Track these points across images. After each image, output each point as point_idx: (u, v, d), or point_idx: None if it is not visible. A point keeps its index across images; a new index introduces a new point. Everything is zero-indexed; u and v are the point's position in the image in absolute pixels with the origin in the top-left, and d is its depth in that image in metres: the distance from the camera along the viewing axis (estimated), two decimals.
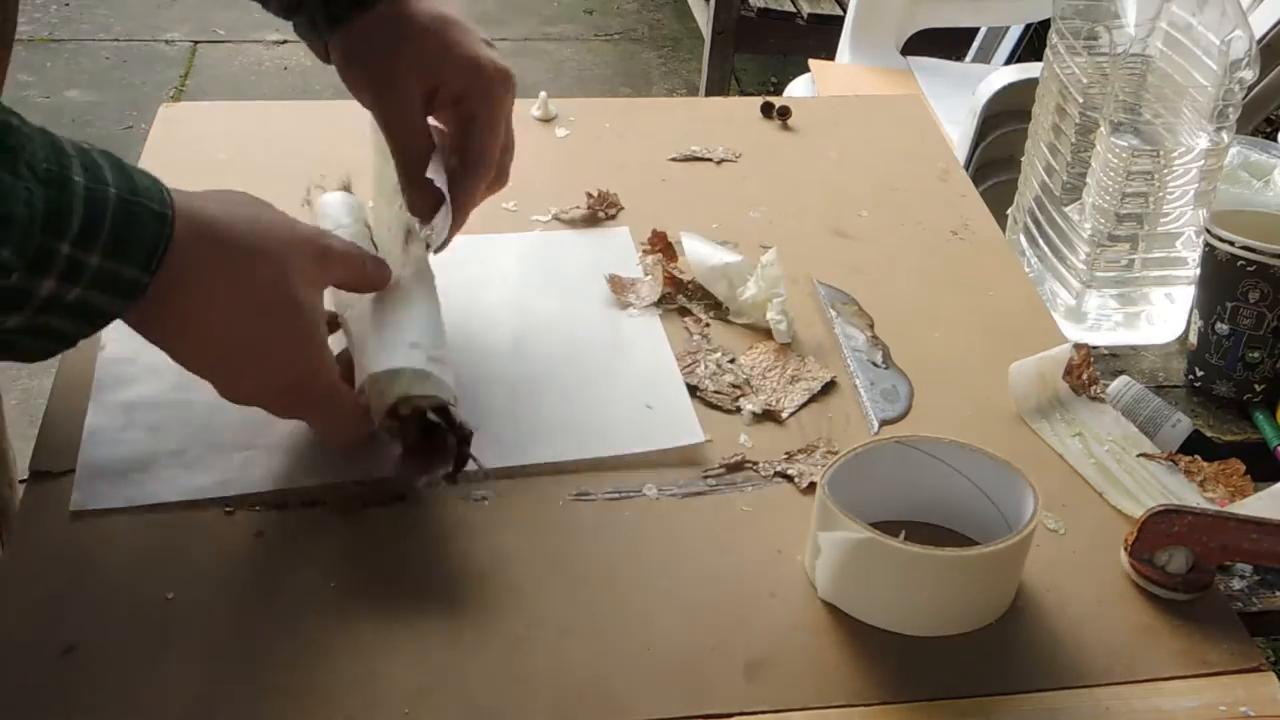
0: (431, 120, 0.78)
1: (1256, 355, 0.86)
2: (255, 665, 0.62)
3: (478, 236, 0.94)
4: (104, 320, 0.60)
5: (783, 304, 0.85)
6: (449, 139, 0.78)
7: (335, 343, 0.72)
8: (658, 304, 0.88)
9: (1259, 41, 1.09)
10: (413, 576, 0.68)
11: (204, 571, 0.67)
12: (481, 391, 0.80)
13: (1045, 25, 1.50)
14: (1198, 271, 0.88)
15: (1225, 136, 0.85)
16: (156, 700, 0.60)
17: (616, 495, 0.73)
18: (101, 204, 0.57)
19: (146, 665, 0.62)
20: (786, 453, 0.77)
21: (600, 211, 0.97)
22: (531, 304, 0.88)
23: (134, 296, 0.60)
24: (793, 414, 0.80)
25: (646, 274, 0.90)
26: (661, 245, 0.92)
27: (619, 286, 0.89)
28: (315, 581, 0.67)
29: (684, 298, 0.89)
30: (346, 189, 0.87)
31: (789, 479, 0.75)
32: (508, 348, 0.84)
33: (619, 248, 0.94)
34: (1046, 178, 0.95)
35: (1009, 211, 1.06)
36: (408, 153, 0.76)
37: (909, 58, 1.47)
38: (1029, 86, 0.99)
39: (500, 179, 0.80)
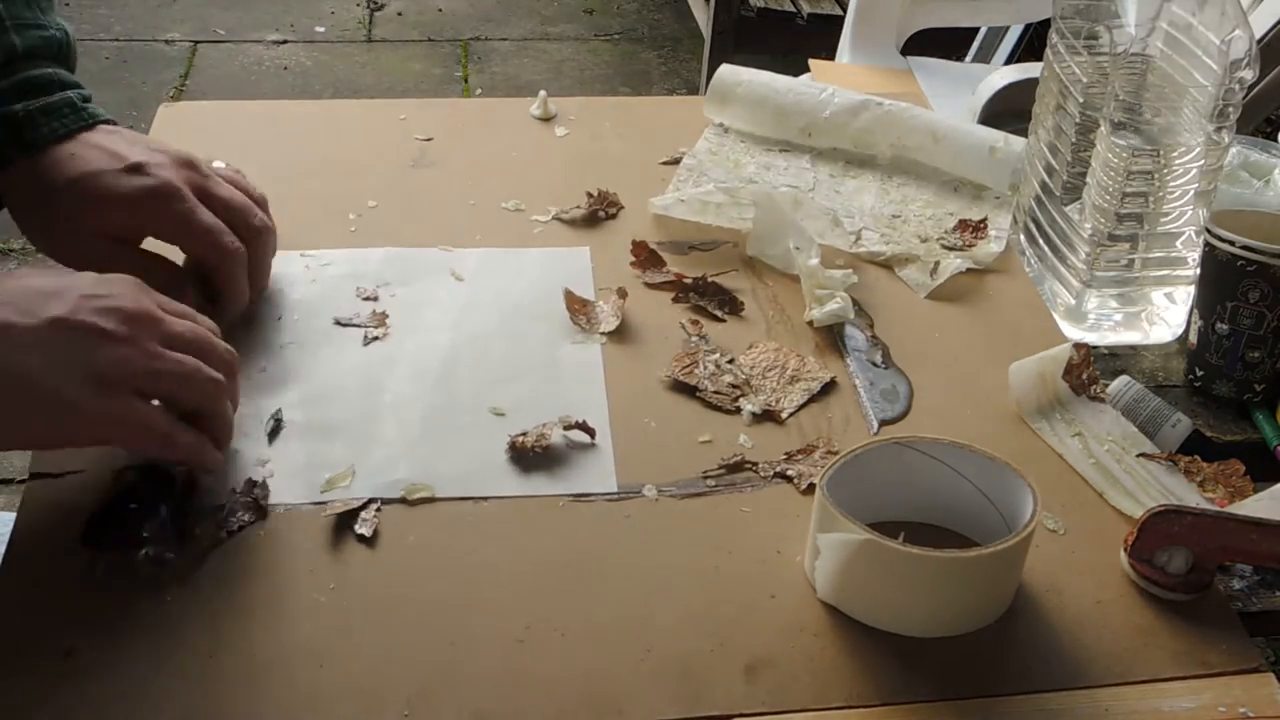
0: None
1: (1256, 355, 0.86)
2: (255, 667, 0.62)
3: (430, 250, 0.92)
4: None
5: (840, 310, 0.87)
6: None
7: None
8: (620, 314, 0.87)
9: (1259, 41, 1.09)
10: (412, 577, 0.68)
11: (203, 572, 0.67)
12: (394, 416, 0.77)
13: (1045, 25, 1.50)
14: (1198, 271, 0.88)
15: (1225, 136, 0.85)
16: (156, 701, 0.60)
17: (616, 495, 0.73)
18: None
19: (146, 666, 0.62)
20: (786, 453, 0.77)
21: (600, 211, 0.97)
22: (470, 326, 0.85)
23: None
24: (792, 414, 0.80)
25: (603, 303, 0.87)
26: (645, 254, 0.92)
27: (575, 305, 0.86)
28: (315, 583, 0.67)
29: (695, 295, 0.89)
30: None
31: (789, 479, 0.75)
32: (435, 371, 0.81)
33: (576, 270, 0.91)
34: (1046, 178, 0.95)
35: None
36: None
37: (909, 58, 1.47)
38: (1029, 86, 0.99)
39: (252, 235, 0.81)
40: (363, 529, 0.69)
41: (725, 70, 1.09)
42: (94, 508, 0.68)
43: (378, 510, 0.71)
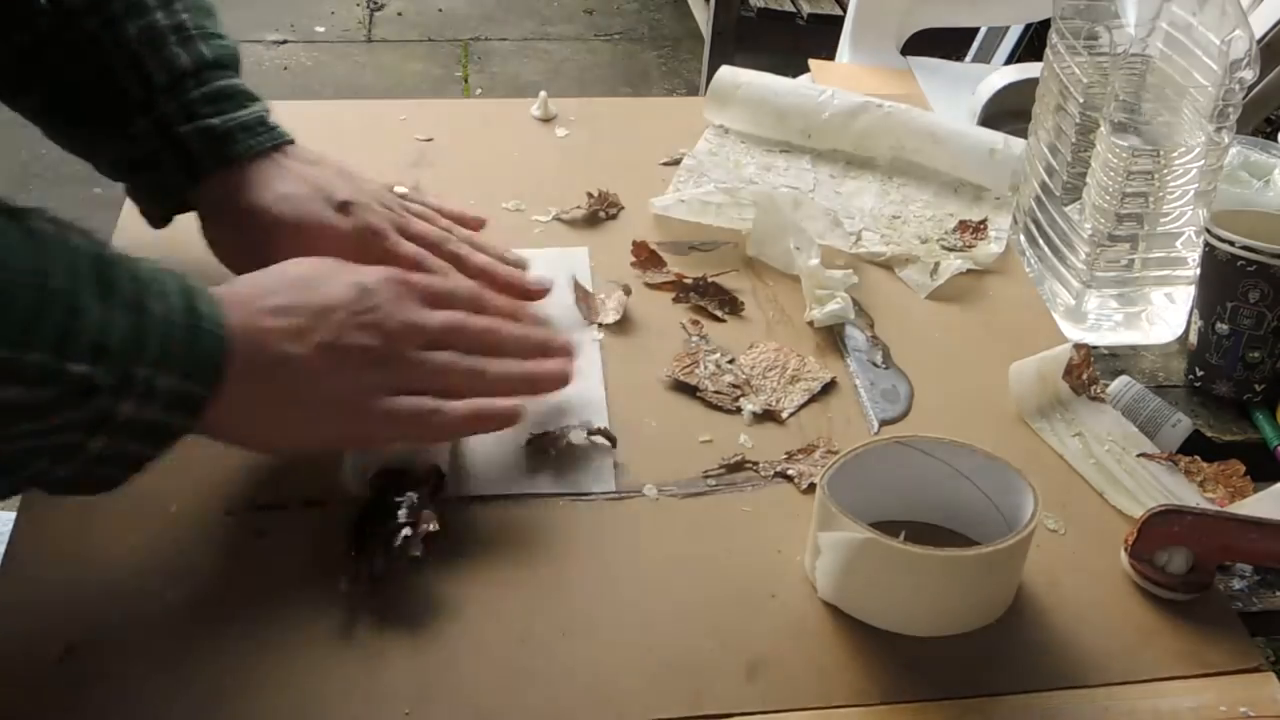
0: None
1: (1256, 355, 0.86)
2: (255, 666, 0.62)
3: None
4: (172, 439, 0.61)
5: (840, 311, 0.87)
6: None
7: None
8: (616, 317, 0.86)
9: (1259, 41, 1.09)
10: (413, 576, 0.68)
11: (204, 572, 0.67)
12: None
13: (1045, 25, 1.50)
14: (1198, 271, 0.88)
15: (1225, 136, 0.85)
16: (156, 701, 0.60)
17: (616, 495, 0.73)
18: (170, 328, 0.60)
19: (146, 665, 0.62)
20: (786, 453, 0.77)
21: (601, 211, 0.97)
22: None
23: (198, 414, 0.62)
24: (793, 414, 0.80)
25: (608, 297, 0.88)
26: (645, 254, 0.92)
27: (582, 294, 0.87)
28: (315, 582, 0.67)
29: (695, 295, 0.89)
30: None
31: (789, 479, 0.75)
32: None
33: (576, 269, 0.90)
34: (1046, 178, 0.95)
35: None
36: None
37: (909, 58, 1.47)
38: (1029, 86, 0.99)
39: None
40: (416, 551, 0.68)
41: (724, 72, 1.09)
42: (353, 518, 0.69)
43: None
